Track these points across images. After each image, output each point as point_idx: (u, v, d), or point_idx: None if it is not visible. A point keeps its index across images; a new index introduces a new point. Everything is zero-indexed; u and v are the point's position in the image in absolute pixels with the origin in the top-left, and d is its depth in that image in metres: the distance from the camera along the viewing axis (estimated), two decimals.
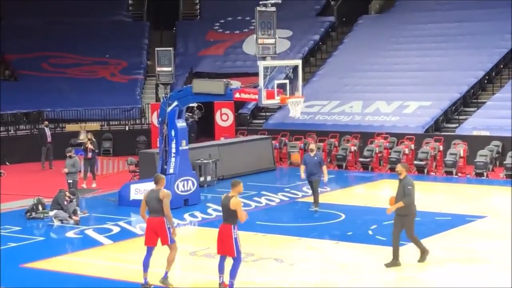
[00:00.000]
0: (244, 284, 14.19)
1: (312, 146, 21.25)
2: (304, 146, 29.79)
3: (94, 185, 25.03)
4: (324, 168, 20.61)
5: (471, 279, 14.27)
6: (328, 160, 29.25)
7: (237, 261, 13.34)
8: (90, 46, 38.94)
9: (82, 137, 32.60)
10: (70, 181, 21.55)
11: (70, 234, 18.83)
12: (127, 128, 34.94)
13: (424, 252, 15.44)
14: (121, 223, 19.84)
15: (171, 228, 13.84)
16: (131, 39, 40.53)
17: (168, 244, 13.92)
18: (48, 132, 30.70)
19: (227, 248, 13.35)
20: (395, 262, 15.12)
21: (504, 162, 26.03)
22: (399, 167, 15.69)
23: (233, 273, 13.30)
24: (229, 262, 13.39)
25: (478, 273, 14.61)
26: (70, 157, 21.82)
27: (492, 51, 33.68)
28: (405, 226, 15.25)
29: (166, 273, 13.94)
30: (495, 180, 25.30)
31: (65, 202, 19.98)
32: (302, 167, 20.86)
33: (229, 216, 13.40)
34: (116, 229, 19.23)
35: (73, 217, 19.78)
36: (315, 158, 20.64)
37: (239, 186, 13.49)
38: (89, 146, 25.00)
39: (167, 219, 13.80)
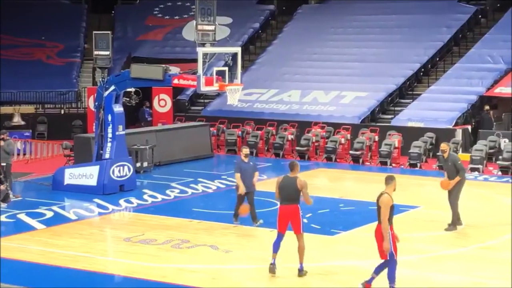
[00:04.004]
0: (179, 271, 14.19)
1: (246, 150, 17.92)
2: (242, 134, 29.84)
3: None
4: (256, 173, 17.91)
5: (405, 268, 14.48)
6: (266, 148, 29.38)
7: (391, 263, 12.78)
8: (27, 28, 38.24)
9: (16, 120, 32.14)
10: (4, 164, 21.13)
11: (2, 218, 18.49)
12: (62, 112, 34.48)
13: (455, 224, 17.02)
14: (55, 208, 19.59)
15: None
16: (68, 21, 39.90)
17: (300, 233, 13.83)
18: None
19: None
20: (459, 222, 17.06)
21: (437, 154, 26.42)
22: (444, 146, 17.17)
23: (390, 275, 12.81)
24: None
25: (412, 263, 14.83)
26: (4, 139, 21.38)
27: (428, 44, 34.18)
28: (453, 191, 16.98)
29: (301, 265, 13.81)
30: (428, 171, 25.75)
31: None
32: (238, 175, 17.43)
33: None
34: (49, 214, 18.98)
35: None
36: (250, 163, 17.80)
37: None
38: None
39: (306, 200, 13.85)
